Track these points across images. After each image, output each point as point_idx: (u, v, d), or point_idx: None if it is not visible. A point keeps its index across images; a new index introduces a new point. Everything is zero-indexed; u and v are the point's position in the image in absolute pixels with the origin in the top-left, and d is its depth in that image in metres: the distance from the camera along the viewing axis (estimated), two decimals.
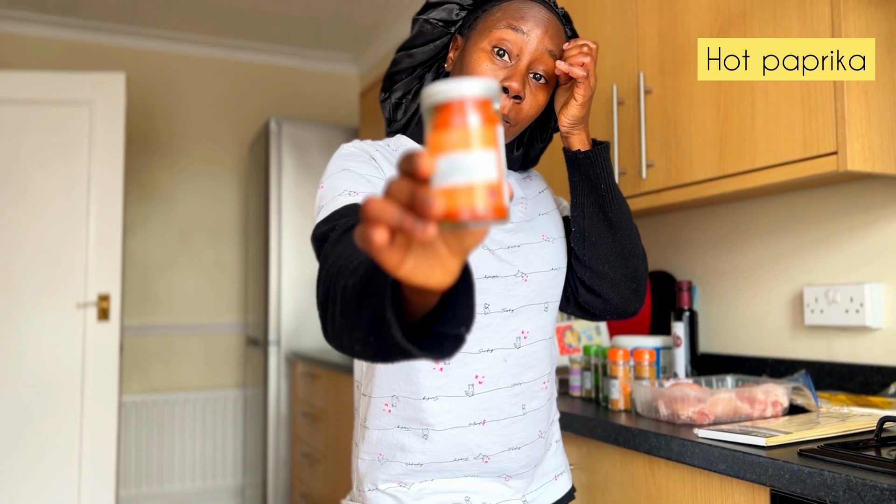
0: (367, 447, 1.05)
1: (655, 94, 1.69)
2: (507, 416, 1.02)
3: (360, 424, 1.08)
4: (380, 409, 1.04)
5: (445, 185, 0.47)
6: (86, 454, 3.15)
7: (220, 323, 4.04)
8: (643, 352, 1.51)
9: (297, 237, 3.55)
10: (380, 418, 1.04)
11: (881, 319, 1.53)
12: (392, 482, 1.03)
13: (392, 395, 1.03)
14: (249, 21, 3.84)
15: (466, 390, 1.01)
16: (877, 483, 0.87)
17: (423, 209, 0.45)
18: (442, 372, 1.00)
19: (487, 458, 1.02)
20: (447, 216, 0.47)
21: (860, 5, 1.32)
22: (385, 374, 1.03)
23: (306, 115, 4.30)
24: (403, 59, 1.10)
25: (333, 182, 0.98)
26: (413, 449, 1.01)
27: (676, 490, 1.21)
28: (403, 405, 1.02)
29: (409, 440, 1.02)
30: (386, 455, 1.04)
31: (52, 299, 3.19)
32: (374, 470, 1.05)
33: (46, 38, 3.79)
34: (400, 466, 1.02)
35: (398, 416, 1.02)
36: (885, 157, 1.33)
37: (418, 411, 1.01)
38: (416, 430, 1.01)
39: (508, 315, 1.03)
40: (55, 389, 3.16)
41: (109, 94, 3.28)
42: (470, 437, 1.01)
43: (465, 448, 1.01)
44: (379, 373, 1.04)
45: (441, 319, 0.60)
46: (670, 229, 2.06)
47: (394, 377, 1.03)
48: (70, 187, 3.24)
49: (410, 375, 1.01)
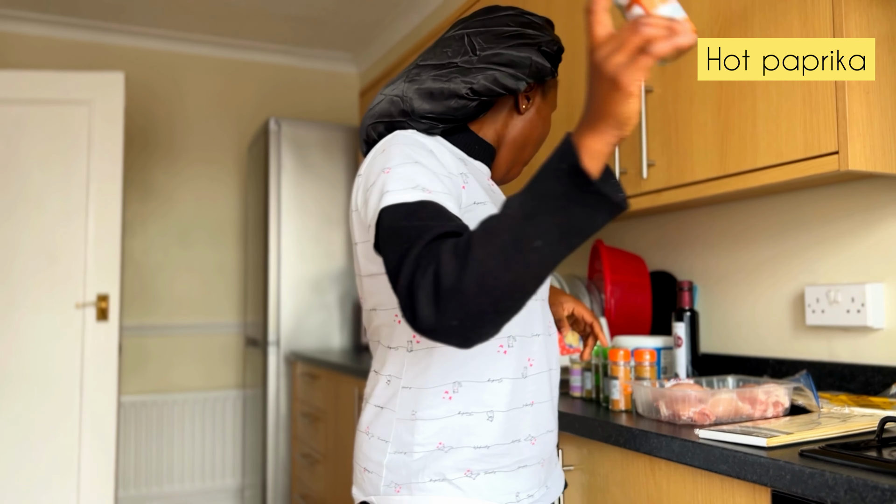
0: (421, 439, 1.04)
1: (656, 93, 1.69)
2: (546, 399, 1.12)
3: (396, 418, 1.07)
4: (437, 399, 1.05)
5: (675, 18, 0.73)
6: (85, 454, 3.15)
7: (219, 323, 4.03)
8: (644, 352, 1.50)
9: (297, 237, 3.54)
10: (437, 407, 1.05)
11: (883, 320, 1.52)
12: (459, 471, 1.04)
13: (454, 382, 1.05)
14: (249, 20, 3.84)
15: (522, 372, 1.08)
16: (878, 484, 0.87)
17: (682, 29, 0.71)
18: (505, 354, 1.07)
19: (534, 440, 1.09)
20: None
21: (861, 5, 1.32)
22: (446, 362, 1.05)
23: (306, 114, 4.29)
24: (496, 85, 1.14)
25: (402, 171, 0.98)
26: (479, 432, 1.05)
27: (677, 491, 1.21)
28: (467, 390, 1.05)
29: (475, 423, 1.05)
30: (448, 443, 1.04)
31: (51, 299, 3.18)
32: (434, 461, 1.04)
33: (46, 37, 3.79)
34: (468, 451, 1.04)
35: (460, 401, 1.05)
36: (887, 156, 1.33)
37: (483, 394, 1.05)
38: (480, 413, 1.05)
39: (542, 303, 1.14)
40: (54, 390, 3.15)
41: (109, 93, 3.27)
42: (523, 419, 1.08)
43: (519, 429, 1.07)
44: (437, 361, 1.05)
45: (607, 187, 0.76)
46: (671, 229, 2.06)
47: (459, 363, 1.05)
48: (69, 187, 3.23)
49: (477, 359, 1.05)
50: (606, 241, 2.29)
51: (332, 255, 3.61)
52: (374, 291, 1.10)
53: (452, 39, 1.19)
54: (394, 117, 1.14)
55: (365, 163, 1.08)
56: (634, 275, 1.97)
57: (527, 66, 1.15)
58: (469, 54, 1.15)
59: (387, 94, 1.17)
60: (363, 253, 1.09)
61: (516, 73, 1.14)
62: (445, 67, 1.14)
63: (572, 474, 1.46)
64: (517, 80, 1.14)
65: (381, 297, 1.09)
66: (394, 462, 1.06)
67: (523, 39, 1.17)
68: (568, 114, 2.01)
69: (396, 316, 1.07)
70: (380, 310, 1.10)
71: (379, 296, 1.09)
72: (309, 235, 3.56)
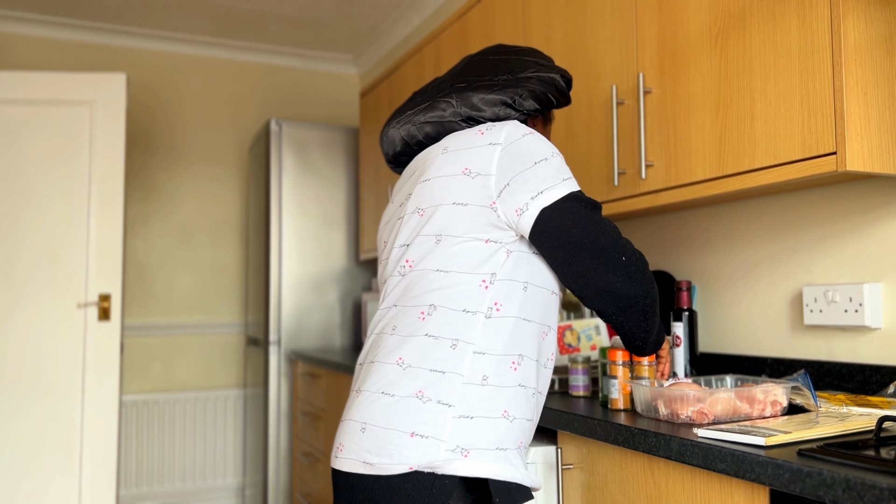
0: (490, 405, 1.09)
1: (655, 94, 1.69)
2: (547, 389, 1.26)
3: (463, 383, 1.09)
4: (507, 367, 1.12)
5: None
6: (86, 454, 3.15)
7: (220, 323, 4.04)
8: None
9: (298, 237, 3.55)
10: (505, 375, 1.12)
11: (880, 319, 1.53)
12: (515, 442, 1.13)
13: (519, 354, 1.14)
14: (250, 21, 3.84)
15: (545, 363, 1.22)
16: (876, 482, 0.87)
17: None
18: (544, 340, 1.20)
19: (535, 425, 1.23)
20: None
21: (859, 6, 1.32)
22: (518, 335, 1.14)
23: (307, 115, 4.30)
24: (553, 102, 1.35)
25: (564, 164, 1.21)
26: (528, 406, 1.16)
27: (676, 489, 1.21)
28: (526, 364, 1.15)
29: (526, 397, 1.15)
30: (512, 413, 1.12)
31: (53, 299, 3.19)
32: (497, 428, 1.09)
33: (47, 38, 3.79)
34: (523, 423, 1.15)
35: (521, 374, 1.14)
36: (885, 157, 1.34)
37: (532, 371, 1.17)
38: (530, 388, 1.16)
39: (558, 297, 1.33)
40: (56, 389, 3.16)
41: (110, 94, 3.28)
42: (540, 402, 1.22)
43: (537, 411, 1.21)
44: (511, 332, 1.14)
45: None
46: (670, 229, 2.07)
47: (525, 338, 1.15)
48: (71, 187, 3.24)
49: (535, 339, 1.18)
50: None
51: (333, 255, 3.62)
52: (459, 253, 1.16)
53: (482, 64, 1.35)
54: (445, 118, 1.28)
55: (504, 134, 1.19)
56: None
57: (554, 86, 1.32)
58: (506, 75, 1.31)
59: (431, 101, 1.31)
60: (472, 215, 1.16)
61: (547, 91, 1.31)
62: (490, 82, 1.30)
63: (571, 473, 1.47)
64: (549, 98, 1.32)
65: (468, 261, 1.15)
66: (460, 426, 1.06)
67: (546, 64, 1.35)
68: (567, 111, 2.01)
69: (484, 281, 1.14)
70: (459, 272, 1.15)
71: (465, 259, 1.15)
72: (310, 235, 3.57)
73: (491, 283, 1.14)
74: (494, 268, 1.14)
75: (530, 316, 1.17)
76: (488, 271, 1.14)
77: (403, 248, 1.22)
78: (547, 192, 1.14)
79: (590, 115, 1.92)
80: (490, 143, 1.19)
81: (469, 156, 1.19)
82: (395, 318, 1.18)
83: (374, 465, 1.08)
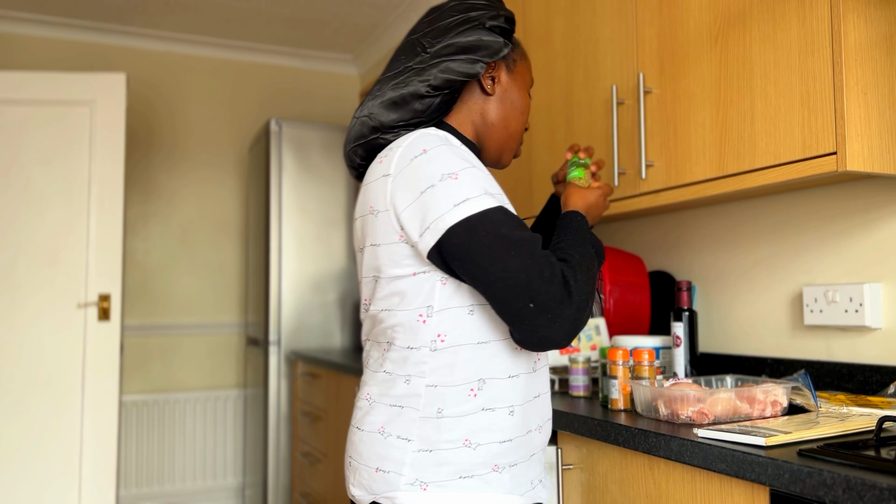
0: (448, 436, 1.06)
1: (655, 94, 1.69)
2: (547, 389, 1.21)
3: (419, 417, 1.08)
4: (464, 396, 1.08)
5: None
6: (86, 454, 3.15)
7: (220, 323, 4.04)
8: (643, 352, 1.51)
9: (298, 237, 3.55)
10: (463, 404, 1.08)
11: (880, 319, 1.53)
12: (487, 467, 1.08)
13: (479, 379, 1.09)
14: (250, 21, 3.84)
15: (532, 367, 1.16)
16: (876, 483, 0.87)
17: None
18: (521, 351, 1.13)
19: (541, 429, 1.17)
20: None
21: (859, 6, 1.32)
22: (472, 361, 1.09)
23: (307, 115, 4.30)
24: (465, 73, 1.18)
25: (470, 177, 1.07)
26: (502, 427, 1.09)
27: (676, 490, 1.21)
28: (491, 386, 1.09)
29: (498, 419, 1.09)
30: (475, 439, 1.07)
31: (53, 299, 3.19)
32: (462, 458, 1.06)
33: (46, 38, 3.79)
34: (494, 447, 1.08)
35: (484, 398, 1.09)
36: (885, 157, 1.33)
37: (504, 389, 1.10)
38: (502, 408, 1.10)
39: None
40: (56, 389, 3.16)
41: (110, 94, 3.28)
42: (534, 410, 1.15)
43: (531, 420, 1.14)
44: (462, 360, 1.09)
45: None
46: (670, 229, 2.07)
47: (483, 361, 1.09)
48: (71, 187, 3.24)
49: (499, 356, 1.11)
50: (605, 241, 2.30)
51: (333, 256, 3.61)
52: (393, 292, 1.11)
53: (404, 47, 1.23)
54: (367, 137, 1.18)
55: (394, 163, 1.10)
56: (633, 275, 1.97)
57: (477, 48, 1.17)
58: (421, 54, 1.18)
59: (358, 117, 1.21)
60: (388, 254, 1.10)
61: (469, 57, 1.16)
62: (402, 74, 1.18)
63: (571, 473, 1.47)
64: (472, 64, 1.16)
65: (402, 299, 1.10)
66: (419, 460, 1.06)
67: (468, 24, 1.18)
68: (567, 110, 2.01)
69: (421, 315, 1.09)
70: (397, 310, 1.11)
71: (399, 297, 1.11)
72: (310, 236, 3.57)
73: (429, 317, 1.08)
74: (429, 300, 1.09)
75: (487, 337, 1.10)
76: (423, 304, 1.09)
77: (361, 285, 1.22)
78: (433, 227, 1.04)
79: (590, 114, 1.92)
80: (383, 174, 1.12)
81: (373, 191, 1.13)
82: (368, 352, 1.22)
83: (356, 497, 1.14)
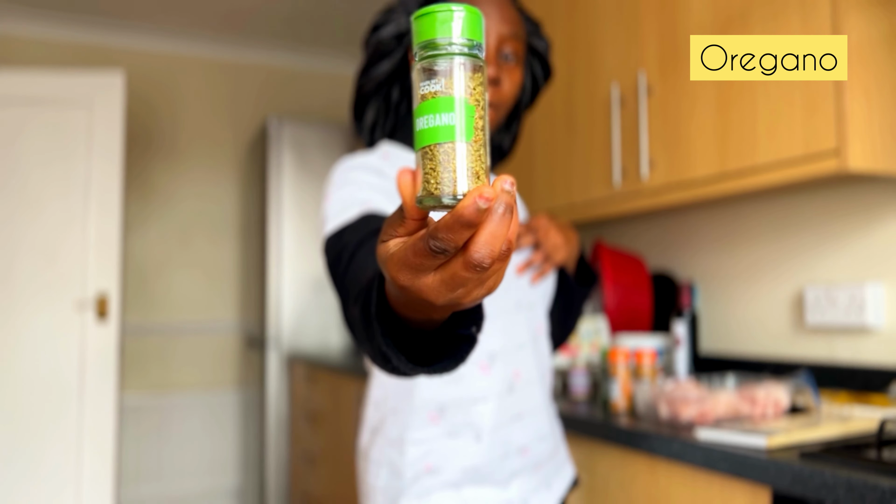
0: (410, 461, 1.03)
1: (656, 93, 1.69)
2: (539, 406, 1.09)
3: (387, 441, 1.06)
4: (423, 421, 1.03)
5: None
6: (85, 454, 3.15)
7: (219, 323, 4.04)
8: (644, 352, 1.51)
9: (297, 237, 3.55)
10: (424, 430, 1.03)
11: (882, 319, 1.52)
12: (448, 490, 1.03)
13: (438, 405, 1.03)
14: (249, 20, 3.84)
15: (509, 387, 1.05)
16: (878, 484, 0.87)
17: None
18: (488, 373, 1.04)
19: (526, 450, 1.07)
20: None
21: (861, 4, 1.32)
22: (428, 386, 1.03)
23: (306, 114, 4.29)
24: (365, 83, 1.11)
25: (341, 194, 0.99)
26: (467, 453, 1.03)
27: (677, 490, 1.21)
28: (453, 412, 1.03)
29: (462, 445, 1.03)
30: (437, 464, 1.03)
31: (51, 299, 3.18)
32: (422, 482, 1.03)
33: (45, 37, 3.79)
34: (456, 473, 1.03)
35: (446, 424, 1.03)
36: (886, 156, 1.33)
37: (469, 415, 1.03)
38: (467, 434, 1.03)
39: (527, 312, 1.10)
40: (54, 390, 3.16)
41: (108, 93, 3.27)
42: (513, 433, 1.05)
43: (509, 443, 1.05)
44: (420, 385, 1.03)
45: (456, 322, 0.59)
46: (671, 229, 2.06)
47: (441, 386, 1.03)
48: (69, 187, 3.24)
49: (459, 382, 1.03)
50: (606, 241, 2.29)
51: None
52: None
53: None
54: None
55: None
56: (634, 275, 1.97)
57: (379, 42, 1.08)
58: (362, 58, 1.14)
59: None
60: None
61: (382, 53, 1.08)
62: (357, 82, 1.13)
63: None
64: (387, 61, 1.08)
65: None
66: (388, 486, 1.05)
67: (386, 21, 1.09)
68: (568, 110, 2.01)
69: None
70: None
71: None
72: (309, 235, 3.56)
73: None
74: None
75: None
76: None
77: None
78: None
79: (591, 113, 1.91)
80: None
81: None
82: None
83: None
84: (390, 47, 1.08)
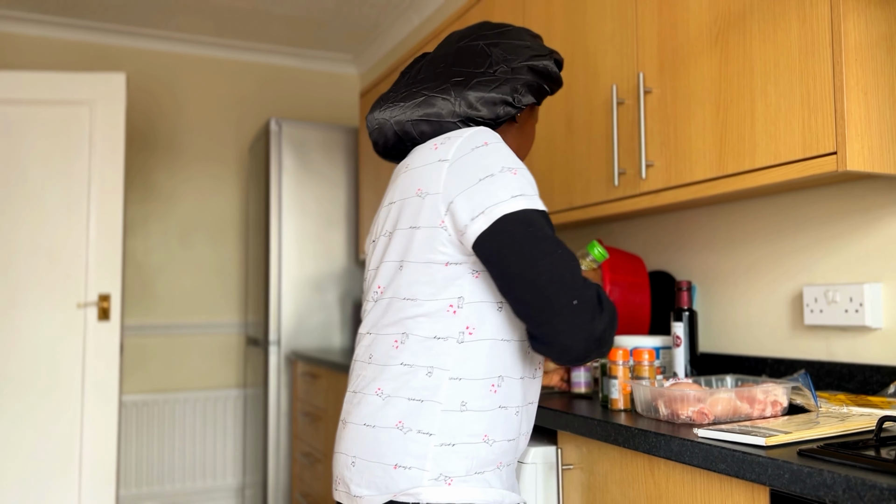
0: (470, 430, 1.07)
1: (655, 94, 1.69)
2: (537, 399, 1.23)
3: (441, 410, 1.07)
4: (486, 391, 1.09)
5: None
6: (86, 454, 3.15)
7: (220, 323, 4.04)
8: (643, 351, 1.51)
9: (298, 237, 3.55)
10: (484, 399, 1.09)
11: (881, 319, 1.53)
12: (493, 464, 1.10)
13: (499, 376, 1.11)
14: (250, 21, 3.84)
15: (533, 373, 1.19)
16: (876, 483, 0.87)
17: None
18: (530, 355, 1.16)
19: (527, 436, 1.19)
20: None
21: (860, 5, 1.32)
22: (496, 357, 1.10)
23: (306, 115, 4.30)
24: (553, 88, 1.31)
25: (526, 177, 1.11)
26: (510, 425, 1.12)
27: (676, 490, 1.21)
28: (508, 384, 1.12)
29: (508, 417, 1.12)
30: (492, 435, 1.09)
31: (53, 299, 3.19)
32: (478, 453, 1.07)
33: (46, 38, 3.79)
34: (504, 444, 1.11)
35: (502, 395, 1.11)
36: (885, 157, 1.33)
37: (517, 390, 1.13)
38: (513, 407, 1.13)
39: None
40: (55, 389, 3.16)
41: (110, 94, 3.28)
42: (528, 415, 1.18)
43: (524, 425, 1.17)
44: (487, 355, 1.10)
45: None
46: (670, 229, 2.07)
47: (505, 358, 1.11)
48: (70, 187, 3.24)
49: (515, 356, 1.13)
50: (605, 241, 2.30)
51: (333, 255, 3.61)
52: (421, 279, 1.11)
53: (475, 52, 1.26)
54: (443, 118, 1.21)
55: (454, 150, 1.12)
56: (633, 275, 1.97)
57: (549, 75, 1.26)
58: (502, 64, 1.23)
59: (427, 94, 1.22)
60: (427, 238, 1.10)
61: (542, 81, 1.25)
62: (489, 78, 1.22)
63: (571, 473, 1.47)
64: (543, 88, 1.26)
65: (431, 287, 1.10)
66: (441, 454, 1.05)
67: (538, 50, 1.27)
68: (567, 111, 2.01)
69: (451, 306, 1.09)
70: (424, 299, 1.10)
71: (428, 286, 1.10)
72: (309, 235, 3.57)
73: (459, 308, 1.09)
74: (461, 291, 1.09)
75: (508, 335, 1.12)
76: (454, 295, 1.09)
77: (375, 272, 1.20)
78: (487, 212, 1.05)
79: (590, 114, 1.92)
80: (439, 159, 1.13)
81: (422, 175, 1.14)
82: (371, 345, 1.18)
83: (362, 498, 1.10)
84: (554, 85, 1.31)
